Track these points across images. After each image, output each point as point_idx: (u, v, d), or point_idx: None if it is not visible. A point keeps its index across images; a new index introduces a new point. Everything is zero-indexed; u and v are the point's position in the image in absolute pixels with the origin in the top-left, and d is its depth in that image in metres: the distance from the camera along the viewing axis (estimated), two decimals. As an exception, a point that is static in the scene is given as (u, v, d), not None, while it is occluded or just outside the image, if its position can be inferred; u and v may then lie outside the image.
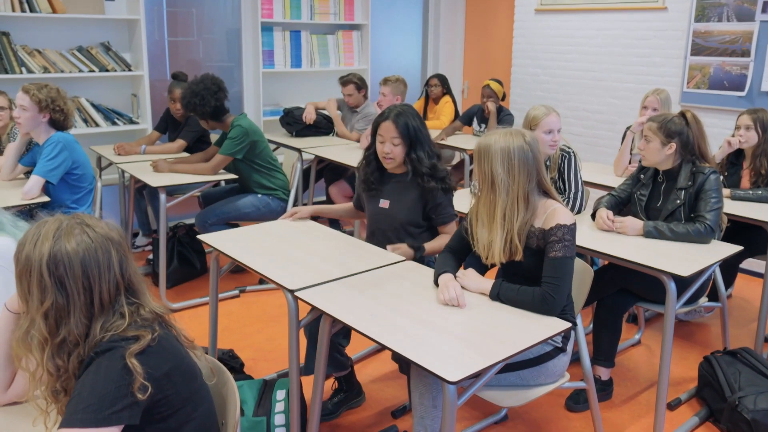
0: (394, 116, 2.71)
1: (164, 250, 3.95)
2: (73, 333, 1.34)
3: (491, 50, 6.65)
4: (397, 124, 2.69)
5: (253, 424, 2.51)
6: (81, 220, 1.40)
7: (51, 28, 4.61)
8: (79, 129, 4.61)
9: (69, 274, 1.33)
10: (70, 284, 1.33)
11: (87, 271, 1.34)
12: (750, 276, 4.53)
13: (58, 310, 1.33)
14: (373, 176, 2.86)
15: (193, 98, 3.92)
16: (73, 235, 1.35)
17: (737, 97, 4.60)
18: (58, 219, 1.39)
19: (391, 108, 2.77)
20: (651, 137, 2.91)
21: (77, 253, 1.34)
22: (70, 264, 1.33)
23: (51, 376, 1.36)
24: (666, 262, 2.53)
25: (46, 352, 1.34)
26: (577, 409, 2.94)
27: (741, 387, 2.77)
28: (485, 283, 2.22)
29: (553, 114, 3.12)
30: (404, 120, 2.70)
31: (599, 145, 5.50)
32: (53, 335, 1.34)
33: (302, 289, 2.24)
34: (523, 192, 2.19)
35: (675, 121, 2.89)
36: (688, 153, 2.90)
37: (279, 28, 5.53)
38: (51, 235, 1.34)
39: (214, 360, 1.72)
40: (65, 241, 1.34)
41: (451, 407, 1.76)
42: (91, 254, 1.35)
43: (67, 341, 1.34)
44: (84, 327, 1.35)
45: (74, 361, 1.34)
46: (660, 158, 2.91)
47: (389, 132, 2.71)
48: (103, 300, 1.36)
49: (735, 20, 4.55)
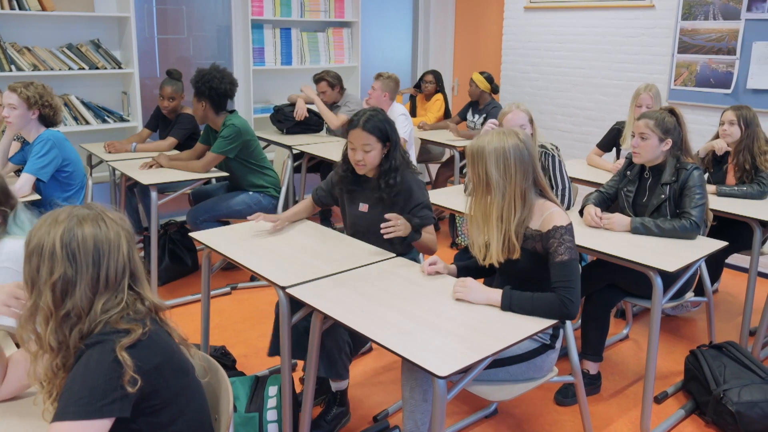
0: (363, 122, 2.65)
1: (155, 248, 3.96)
2: (78, 306, 1.36)
3: (481, 47, 6.68)
4: (367, 130, 2.64)
5: (245, 420, 2.53)
6: (94, 207, 1.44)
7: (40, 26, 4.59)
8: (69, 127, 4.61)
9: (81, 248, 1.37)
10: (80, 256, 1.36)
11: (98, 246, 1.38)
12: (735, 271, 4.59)
13: (66, 281, 1.36)
14: (350, 178, 2.82)
15: (208, 76, 3.92)
16: (89, 217, 1.40)
17: (723, 95, 4.65)
18: (72, 207, 1.43)
19: (358, 114, 2.71)
20: (648, 134, 2.91)
21: (91, 230, 1.39)
22: (84, 239, 1.37)
23: (52, 351, 1.38)
24: (652, 258, 2.56)
25: (50, 325, 1.37)
26: (566, 403, 2.98)
27: (726, 380, 2.82)
28: (492, 294, 2.16)
29: (515, 111, 3.15)
30: (373, 123, 2.65)
31: (588, 142, 5.54)
32: (58, 307, 1.36)
33: (293, 285, 2.26)
34: (520, 190, 2.20)
35: (668, 118, 2.92)
36: (676, 148, 2.94)
37: (269, 25, 5.53)
38: (65, 218, 1.39)
39: (207, 357, 1.74)
40: (81, 221, 1.39)
41: (441, 401, 1.79)
42: (104, 233, 1.40)
43: (71, 314, 1.37)
44: (88, 301, 1.37)
45: (75, 336, 1.37)
46: (656, 155, 2.94)
47: (360, 139, 2.65)
48: (109, 278, 1.39)
49: (721, 18, 4.60)
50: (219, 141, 3.97)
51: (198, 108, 4.04)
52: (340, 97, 5.20)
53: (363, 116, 2.68)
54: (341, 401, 2.76)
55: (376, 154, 2.68)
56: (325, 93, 5.14)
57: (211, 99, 3.97)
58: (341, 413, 2.76)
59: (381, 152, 2.70)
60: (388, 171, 2.71)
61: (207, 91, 3.94)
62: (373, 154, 2.68)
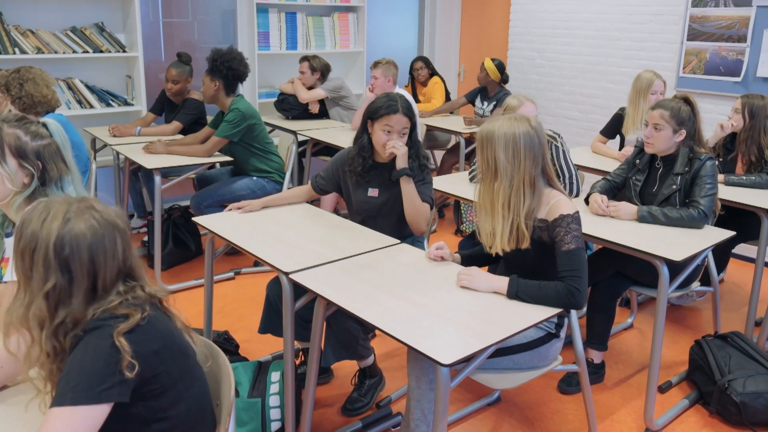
0: (403, 107, 2.69)
1: (159, 232, 3.95)
2: (72, 315, 1.34)
3: (487, 33, 6.62)
4: (408, 114, 2.69)
5: (248, 406, 2.53)
6: (90, 204, 1.39)
7: (44, 8, 4.56)
8: (73, 110, 4.59)
9: (76, 258, 1.32)
10: (76, 267, 1.33)
11: (94, 257, 1.34)
12: (742, 261, 4.57)
13: (60, 291, 1.33)
14: (367, 164, 2.81)
15: (229, 56, 3.91)
16: (82, 218, 1.34)
17: (733, 83, 4.60)
18: (67, 200, 1.38)
19: (394, 98, 2.71)
20: (662, 125, 2.86)
21: (86, 237, 1.33)
22: (78, 248, 1.32)
23: (48, 357, 1.36)
24: (659, 247, 2.54)
25: (44, 333, 1.34)
26: (570, 392, 2.98)
27: (731, 370, 2.80)
28: (498, 282, 2.13)
29: (527, 103, 3.11)
30: (410, 107, 2.71)
31: (594, 129, 5.48)
32: (52, 316, 1.34)
33: (297, 271, 2.25)
34: (529, 177, 2.17)
35: (683, 108, 2.88)
36: (689, 138, 2.91)
37: (274, 9, 5.49)
38: (60, 216, 1.34)
39: (209, 342, 1.73)
40: (75, 224, 1.33)
41: (445, 389, 1.78)
42: (99, 240, 1.35)
43: (65, 323, 1.34)
44: (82, 310, 1.35)
45: (69, 341, 1.35)
46: (669, 145, 2.90)
47: (401, 123, 2.69)
48: (105, 285, 1.37)
49: (732, 5, 4.54)
50: (223, 125, 3.95)
51: (210, 87, 4.00)
52: (318, 84, 5.16)
53: (399, 100, 2.71)
54: (371, 373, 2.85)
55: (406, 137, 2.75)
56: (304, 74, 5.13)
57: (226, 79, 3.96)
58: (375, 383, 2.85)
59: None
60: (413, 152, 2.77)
61: (225, 70, 3.93)
62: (406, 138, 2.74)
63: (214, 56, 3.95)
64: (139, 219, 4.91)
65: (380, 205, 2.81)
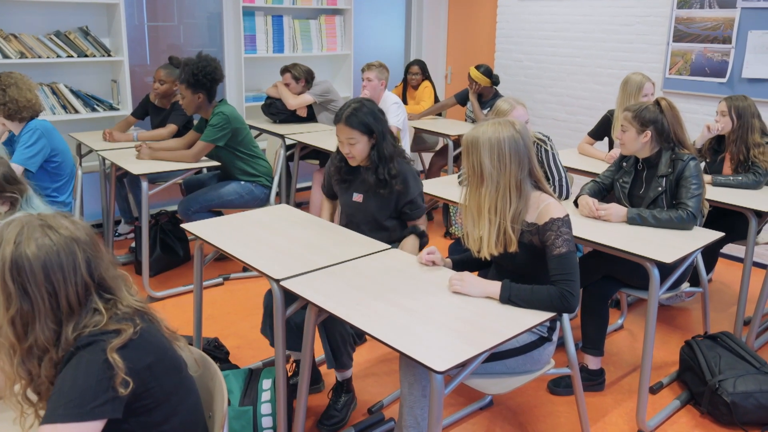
0: (345, 117, 2.72)
1: (147, 238, 3.91)
2: (41, 339, 1.30)
3: (475, 35, 6.63)
4: (349, 124, 2.71)
5: (239, 414, 2.51)
6: (44, 221, 1.34)
7: (28, 12, 4.51)
8: (57, 115, 4.54)
9: (31, 280, 1.29)
10: (33, 290, 1.29)
11: (49, 275, 1.30)
12: (730, 261, 4.60)
13: (24, 316, 1.30)
14: (344, 168, 2.88)
15: (209, 68, 3.83)
16: (33, 238, 1.31)
17: (718, 84, 4.63)
18: (20, 221, 1.34)
19: (343, 107, 2.77)
20: (627, 126, 2.93)
21: (38, 257, 1.29)
22: (31, 270, 1.29)
23: (22, 381, 1.33)
24: (649, 249, 2.55)
25: (16, 358, 1.31)
26: (558, 392, 2.98)
27: (721, 370, 2.82)
28: (490, 286, 2.12)
29: (518, 107, 3.11)
30: (355, 118, 2.71)
31: (582, 131, 5.51)
32: (21, 341, 1.31)
33: (288, 278, 2.23)
34: (515, 181, 2.17)
35: (650, 109, 2.91)
36: (664, 140, 2.92)
37: (261, 12, 5.46)
38: (12, 239, 1.30)
39: (200, 352, 1.71)
40: (25, 246, 1.29)
41: (438, 396, 1.77)
42: (53, 258, 1.30)
43: (35, 347, 1.31)
44: (52, 332, 1.31)
45: (47, 365, 1.31)
46: (637, 146, 2.94)
47: (343, 133, 2.74)
48: (71, 303, 1.33)
49: (717, 7, 4.57)
50: (208, 130, 3.92)
51: (193, 100, 3.91)
52: (304, 91, 5.14)
53: (346, 110, 2.74)
54: (347, 388, 2.80)
55: (362, 146, 2.75)
56: (288, 85, 5.11)
57: (209, 90, 3.91)
58: (349, 400, 2.79)
59: (368, 144, 2.77)
60: (380, 161, 2.77)
61: (208, 83, 3.87)
62: (359, 147, 2.74)
63: (193, 70, 3.82)
64: (126, 225, 4.86)
65: (364, 210, 2.86)
